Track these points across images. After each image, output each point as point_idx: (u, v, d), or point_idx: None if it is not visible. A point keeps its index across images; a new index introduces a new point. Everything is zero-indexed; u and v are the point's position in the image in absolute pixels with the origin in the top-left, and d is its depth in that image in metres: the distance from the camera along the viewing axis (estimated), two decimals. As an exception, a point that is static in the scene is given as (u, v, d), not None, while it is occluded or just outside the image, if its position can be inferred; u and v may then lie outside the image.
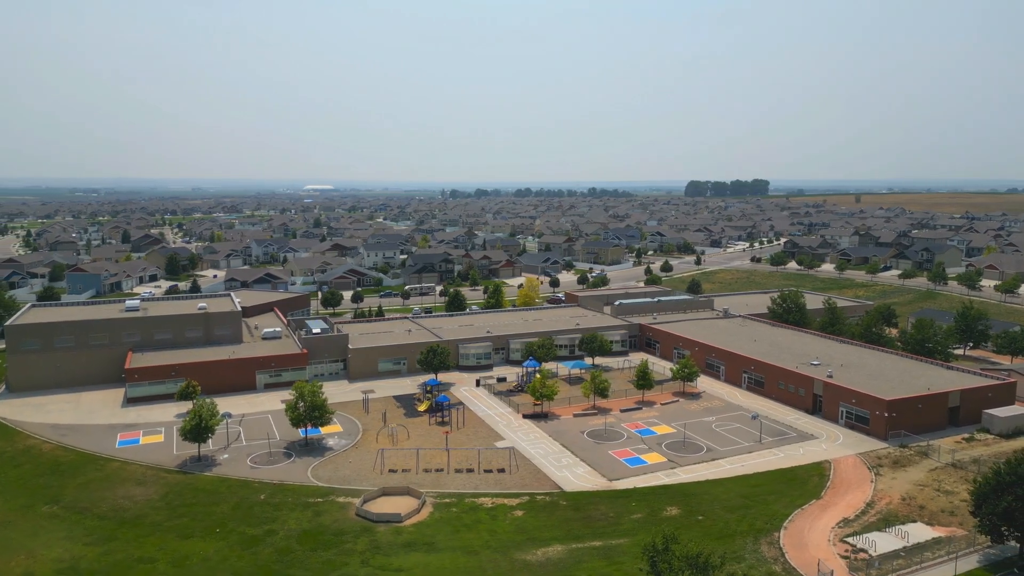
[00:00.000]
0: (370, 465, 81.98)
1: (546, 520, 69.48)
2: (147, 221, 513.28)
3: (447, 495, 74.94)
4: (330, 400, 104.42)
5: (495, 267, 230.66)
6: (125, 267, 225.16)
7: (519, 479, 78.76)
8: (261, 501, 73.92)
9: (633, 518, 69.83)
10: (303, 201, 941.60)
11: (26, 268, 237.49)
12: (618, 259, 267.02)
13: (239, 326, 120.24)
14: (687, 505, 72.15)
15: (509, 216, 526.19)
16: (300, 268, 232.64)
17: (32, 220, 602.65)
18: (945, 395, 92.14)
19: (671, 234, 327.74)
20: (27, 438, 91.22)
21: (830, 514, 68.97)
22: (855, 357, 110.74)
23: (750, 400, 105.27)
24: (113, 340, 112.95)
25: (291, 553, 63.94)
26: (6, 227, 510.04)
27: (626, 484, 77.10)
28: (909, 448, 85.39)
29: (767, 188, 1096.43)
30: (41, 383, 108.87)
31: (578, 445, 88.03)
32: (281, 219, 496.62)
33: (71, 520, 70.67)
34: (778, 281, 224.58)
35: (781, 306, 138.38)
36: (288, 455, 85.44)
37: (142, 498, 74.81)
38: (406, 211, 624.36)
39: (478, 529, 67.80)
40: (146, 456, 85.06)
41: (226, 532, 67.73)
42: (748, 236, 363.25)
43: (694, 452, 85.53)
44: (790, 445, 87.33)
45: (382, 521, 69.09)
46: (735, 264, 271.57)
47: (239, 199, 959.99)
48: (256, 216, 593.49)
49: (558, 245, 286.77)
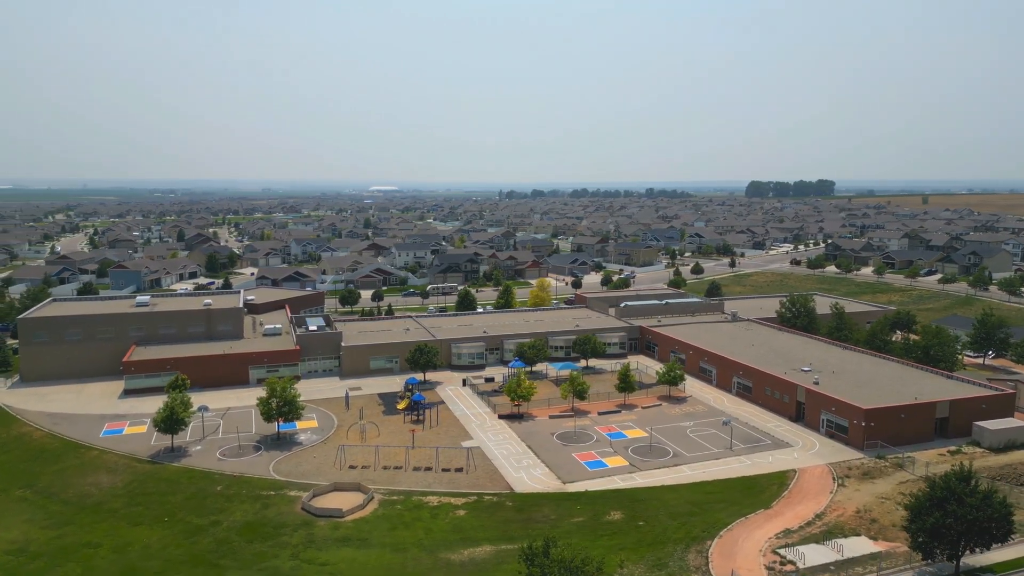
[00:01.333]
0: (333, 461, 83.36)
1: (486, 520, 69.42)
2: (207, 220, 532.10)
3: (397, 492, 75.61)
4: (318, 396, 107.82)
5: (521, 268, 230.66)
6: (166, 264, 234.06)
7: (473, 479, 78.87)
8: (216, 492, 76.03)
9: (573, 521, 69.16)
10: (363, 201, 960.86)
11: (77, 264, 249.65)
12: (651, 261, 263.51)
13: (240, 322, 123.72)
14: (632, 510, 71.01)
15: (556, 217, 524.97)
16: (332, 267, 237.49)
17: (105, 219, 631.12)
18: (932, 405, 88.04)
19: (711, 236, 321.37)
20: (23, 425, 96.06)
21: (773, 524, 66.88)
22: (852, 364, 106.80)
23: (736, 406, 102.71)
24: (119, 334, 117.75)
25: (228, 544, 65.63)
26: (78, 225, 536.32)
27: (579, 487, 76.35)
28: (886, 459, 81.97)
29: (832, 189, 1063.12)
30: (51, 374, 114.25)
31: (544, 447, 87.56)
32: (333, 219, 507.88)
33: (37, 504, 74.15)
34: (812, 285, 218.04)
35: (791, 310, 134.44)
36: (257, 448, 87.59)
37: (107, 485, 77.91)
38: (456, 212, 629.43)
39: (415, 527, 68.23)
40: (124, 446, 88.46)
41: (174, 521, 69.94)
42: (794, 238, 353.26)
43: (660, 457, 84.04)
44: (761, 453, 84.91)
45: (323, 516, 70.23)
46: (773, 267, 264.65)
47: (302, 200, 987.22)
48: (312, 216, 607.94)
49: (591, 246, 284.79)
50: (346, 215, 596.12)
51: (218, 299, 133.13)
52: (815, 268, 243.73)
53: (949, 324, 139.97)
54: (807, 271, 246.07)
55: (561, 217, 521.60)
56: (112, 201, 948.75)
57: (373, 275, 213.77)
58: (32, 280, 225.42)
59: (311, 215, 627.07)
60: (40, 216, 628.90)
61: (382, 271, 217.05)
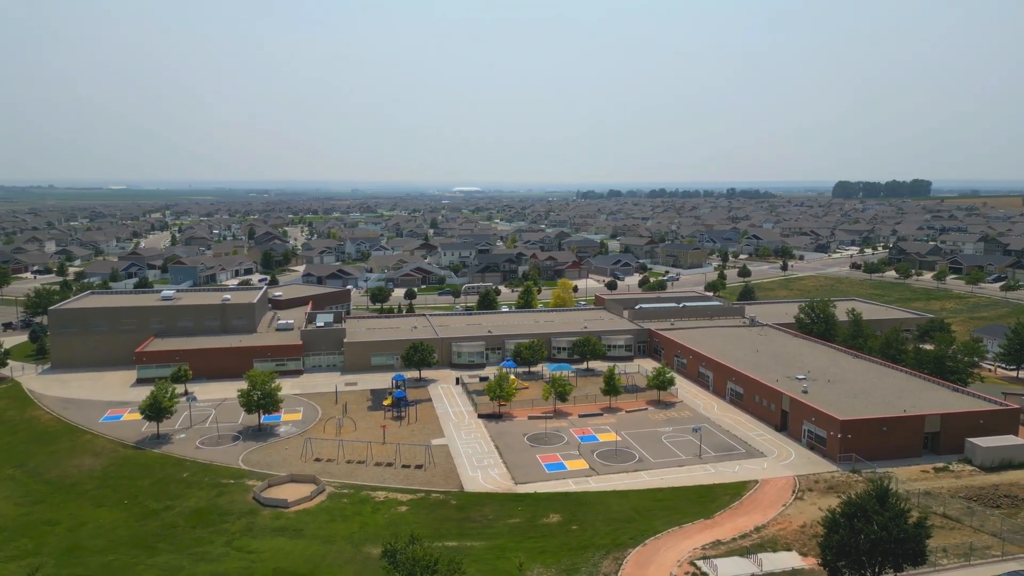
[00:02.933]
0: (300, 453, 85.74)
1: (424, 518, 70.05)
2: (283, 219, 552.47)
3: (350, 486, 77.16)
4: (314, 390, 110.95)
5: (560, 268, 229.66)
6: (223, 261, 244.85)
7: (429, 476, 79.62)
8: (182, 479, 79.52)
9: (509, 522, 69.00)
10: (441, 201, 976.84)
11: (146, 260, 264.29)
12: (699, 263, 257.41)
13: (253, 317, 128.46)
14: (571, 513, 70.20)
15: (623, 217, 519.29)
16: (378, 265, 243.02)
17: (194, 217, 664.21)
18: (920, 418, 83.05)
19: (771, 238, 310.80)
20: (36, 408, 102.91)
21: (706, 535, 64.80)
22: (855, 373, 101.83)
23: (725, 412, 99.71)
24: (140, 326, 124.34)
25: (173, 528, 68.68)
26: (168, 224, 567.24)
27: (529, 488, 75.99)
28: (860, 474, 77.95)
29: (928, 189, 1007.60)
30: (78, 361, 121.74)
31: (511, 447, 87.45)
32: (402, 219, 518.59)
33: (22, 483, 79.50)
34: (865, 290, 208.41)
35: (809, 316, 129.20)
36: (236, 439, 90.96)
37: (87, 468, 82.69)
38: (525, 212, 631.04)
39: (352, 521, 69.52)
40: (117, 431, 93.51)
41: (134, 504, 73.68)
42: (863, 241, 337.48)
43: (624, 461, 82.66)
44: (730, 462, 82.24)
45: (270, 506, 72.49)
46: (830, 271, 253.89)
47: (383, 200, 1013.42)
48: (385, 216, 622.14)
49: (639, 247, 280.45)
50: (418, 215, 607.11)
51: (236, 295, 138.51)
52: (871, 272, 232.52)
53: (988, 334, 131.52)
54: (863, 276, 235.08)
55: (627, 218, 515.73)
56: (207, 201, 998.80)
57: (413, 274, 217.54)
58: (102, 274, 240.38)
59: (384, 215, 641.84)
60: (138, 215, 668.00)
61: (422, 270, 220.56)
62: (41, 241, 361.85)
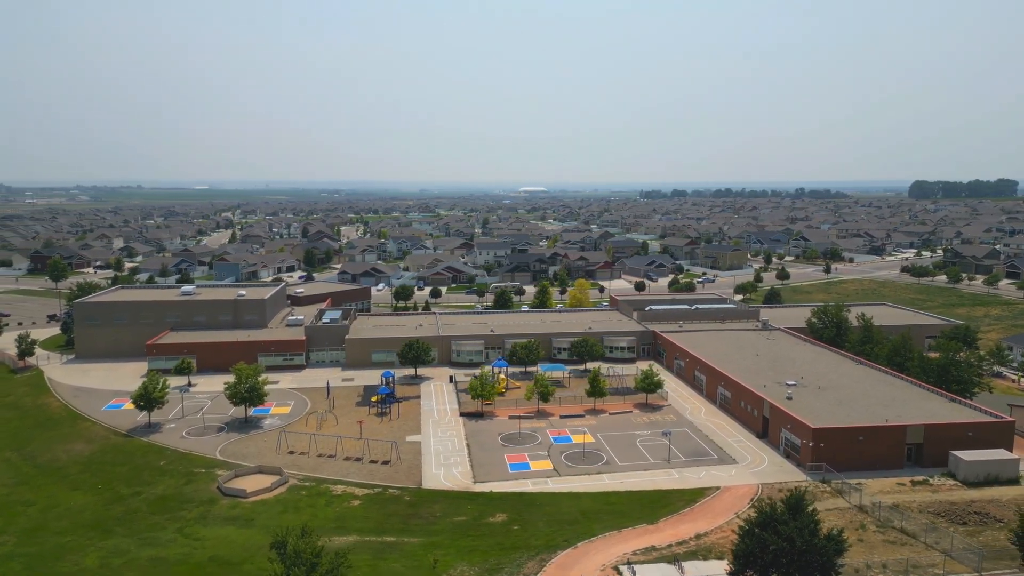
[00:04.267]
0: (275, 446, 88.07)
1: (373, 512, 71.10)
2: (341, 219, 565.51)
3: (313, 479, 78.90)
4: (310, 385, 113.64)
5: (591, 268, 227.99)
6: (265, 258, 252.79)
7: (392, 472, 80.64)
8: (159, 467, 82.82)
9: (454, 520, 69.40)
10: (502, 202, 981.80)
11: (197, 257, 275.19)
12: (739, 264, 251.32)
13: (263, 313, 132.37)
14: (518, 514, 70.09)
15: (677, 218, 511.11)
16: (414, 264, 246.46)
17: (260, 216, 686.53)
18: (901, 429, 79.40)
19: (820, 239, 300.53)
20: (49, 396, 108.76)
21: (643, 540, 63.70)
22: (851, 380, 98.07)
23: (711, 417, 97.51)
24: (158, 319, 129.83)
25: (134, 513, 71.70)
26: (231, 222, 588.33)
27: (486, 488, 76.16)
28: (828, 484, 75.15)
29: (1014, 189, 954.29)
30: (101, 352, 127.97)
31: (482, 446, 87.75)
32: (455, 218, 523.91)
33: (14, 465, 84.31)
34: (907, 294, 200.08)
35: (822, 320, 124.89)
36: (221, 430, 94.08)
37: (77, 453, 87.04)
38: (578, 212, 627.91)
39: (303, 513, 71.06)
40: (114, 419, 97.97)
41: (107, 489, 77.24)
42: (923, 243, 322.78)
43: (590, 463, 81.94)
44: (698, 467, 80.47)
45: (230, 495, 74.84)
46: (878, 274, 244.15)
47: (445, 199, 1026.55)
48: (442, 215, 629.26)
49: (679, 248, 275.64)
50: (474, 214, 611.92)
51: (251, 291, 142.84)
52: (921, 276, 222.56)
53: (1018, 343, 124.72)
54: (911, 279, 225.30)
55: (682, 218, 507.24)
56: (280, 200, 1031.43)
57: (443, 273, 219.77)
58: (154, 270, 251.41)
59: (441, 214, 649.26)
60: (210, 213, 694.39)
61: (452, 269, 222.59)
62: (110, 238, 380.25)
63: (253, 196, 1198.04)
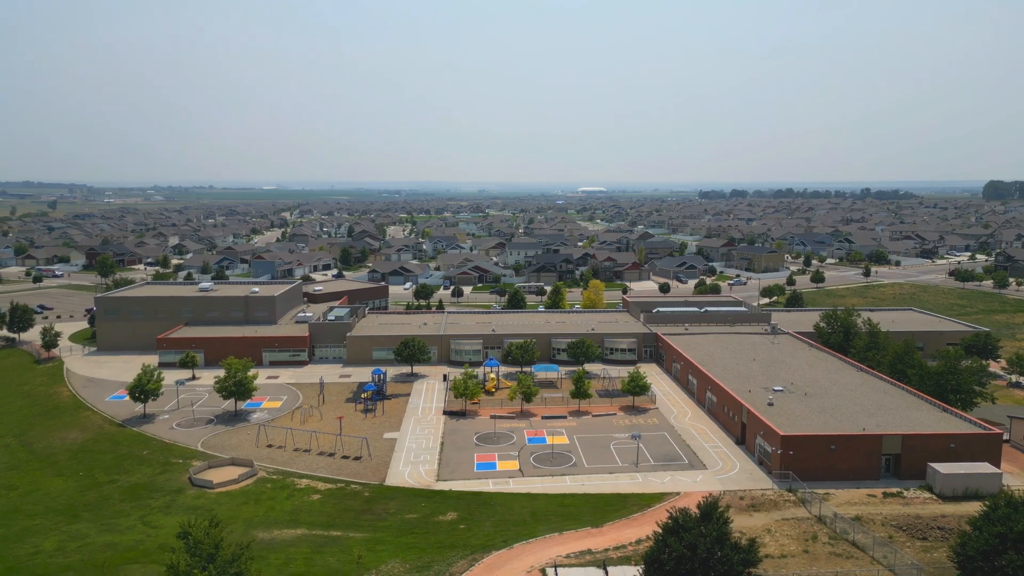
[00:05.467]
0: (255, 439, 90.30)
1: (329, 508, 72.30)
2: (391, 218, 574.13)
3: (282, 472, 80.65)
4: (307, 380, 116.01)
5: (619, 269, 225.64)
6: (301, 257, 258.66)
7: (359, 468, 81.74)
8: (141, 456, 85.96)
9: (405, 517, 70.05)
10: (555, 202, 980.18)
11: (239, 255, 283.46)
12: (775, 266, 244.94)
13: (273, 309, 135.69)
14: (468, 513, 70.29)
15: (727, 218, 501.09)
16: (445, 263, 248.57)
17: (316, 215, 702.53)
18: (877, 439, 76.39)
19: (866, 242, 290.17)
20: (62, 385, 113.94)
21: (581, 543, 63.08)
22: (842, 387, 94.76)
23: (695, 421, 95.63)
24: (174, 315, 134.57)
25: (105, 500, 74.73)
26: (286, 221, 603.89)
27: (446, 486, 76.56)
28: (794, 493, 72.97)
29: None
30: (120, 345, 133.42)
31: (456, 445, 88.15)
32: (502, 218, 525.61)
33: (11, 450, 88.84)
34: (948, 299, 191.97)
35: (831, 325, 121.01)
36: (209, 422, 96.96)
37: (71, 441, 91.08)
38: (627, 212, 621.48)
39: (262, 505, 72.88)
40: (114, 409, 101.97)
41: (87, 475, 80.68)
42: (980, 246, 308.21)
43: (556, 465, 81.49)
44: (665, 472, 79.16)
45: (198, 486, 77.19)
46: (923, 278, 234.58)
47: (500, 200, 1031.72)
48: (491, 215, 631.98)
49: (715, 249, 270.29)
50: (525, 214, 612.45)
51: (265, 288, 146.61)
52: (966, 280, 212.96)
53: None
54: (956, 284, 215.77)
55: (732, 219, 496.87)
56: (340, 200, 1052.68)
57: (470, 272, 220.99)
58: (197, 267, 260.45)
59: (491, 214, 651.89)
60: (268, 213, 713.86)
61: (479, 268, 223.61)
62: (165, 236, 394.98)
63: (317, 196, 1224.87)
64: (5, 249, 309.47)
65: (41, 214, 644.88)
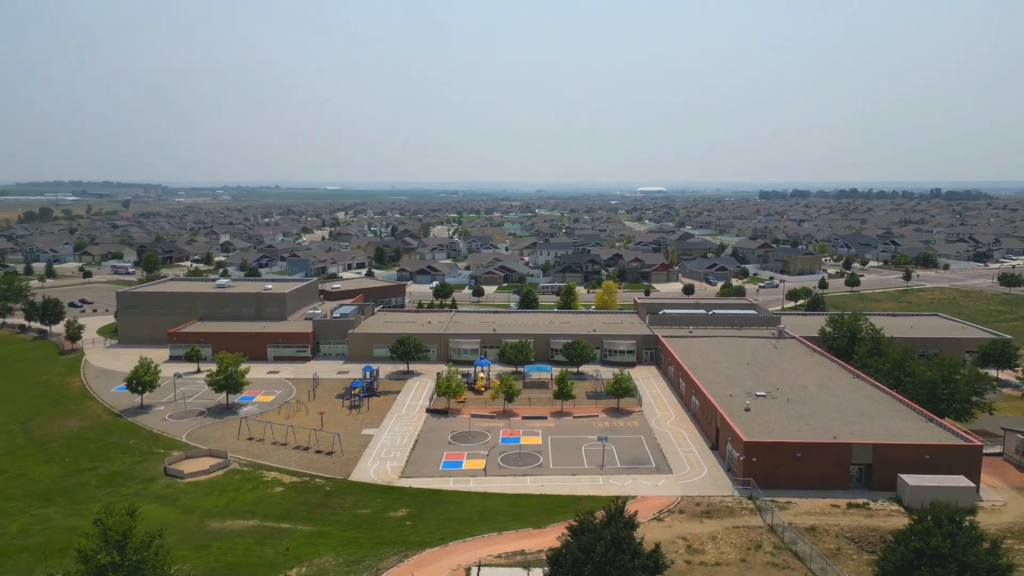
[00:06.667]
0: (236, 432, 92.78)
1: (288, 500, 73.88)
2: (439, 218, 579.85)
3: (254, 464, 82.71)
4: (308, 376, 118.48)
5: (647, 270, 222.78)
6: (335, 255, 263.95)
7: (328, 462, 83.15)
8: (128, 445, 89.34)
9: (357, 512, 71.08)
10: (610, 202, 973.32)
11: (279, 253, 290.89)
12: (811, 269, 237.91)
13: (283, 306, 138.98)
14: (420, 510, 70.84)
15: (779, 219, 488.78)
16: (474, 263, 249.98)
17: (369, 215, 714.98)
18: (847, 447, 73.80)
19: (913, 244, 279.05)
20: (77, 376, 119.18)
21: (517, 543, 62.89)
22: (829, 393, 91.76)
23: (678, 426, 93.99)
24: (189, 310, 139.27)
25: (81, 486, 78.04)
26: (337, 220, 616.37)
27: (407, 483, 77.32)
28: (752, 501, 71.19)
29: None
30: (139, 338, 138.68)
31: (430, 442, 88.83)
32: (547, 218, 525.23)
33: (12, 436, 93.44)
34: (989, 305, 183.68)
35: (837, 330, 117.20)
36: (201, 414, 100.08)
37: (68, 429, 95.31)
38: (676, 212, 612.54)
39: (225, 496, 74.90)
40: (116, 400, 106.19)
41: (73, 462, 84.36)
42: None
43: (522, 465, 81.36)
44: (629, 475, 78.17)
45: (170, 476, 79.84)
46: (969, 282, 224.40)
47: (552, 200, 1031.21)
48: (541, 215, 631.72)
49: (751, 250, 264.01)
50: (573, 214, 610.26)
51: (278, 285, 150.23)
52: (1012, 285, 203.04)
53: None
54: (1001, 289, 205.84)
55: (784, 220, 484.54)
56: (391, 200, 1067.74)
57: (495, 272, 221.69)
58: (235, 264, 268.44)
59: (539, 214, 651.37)
60: (324, 213, 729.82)
61: (505, 268, 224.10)
62: (217, 234, 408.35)
63: (376, 196, 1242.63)
64: (64, 246, 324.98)
65: (112, 213, 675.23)
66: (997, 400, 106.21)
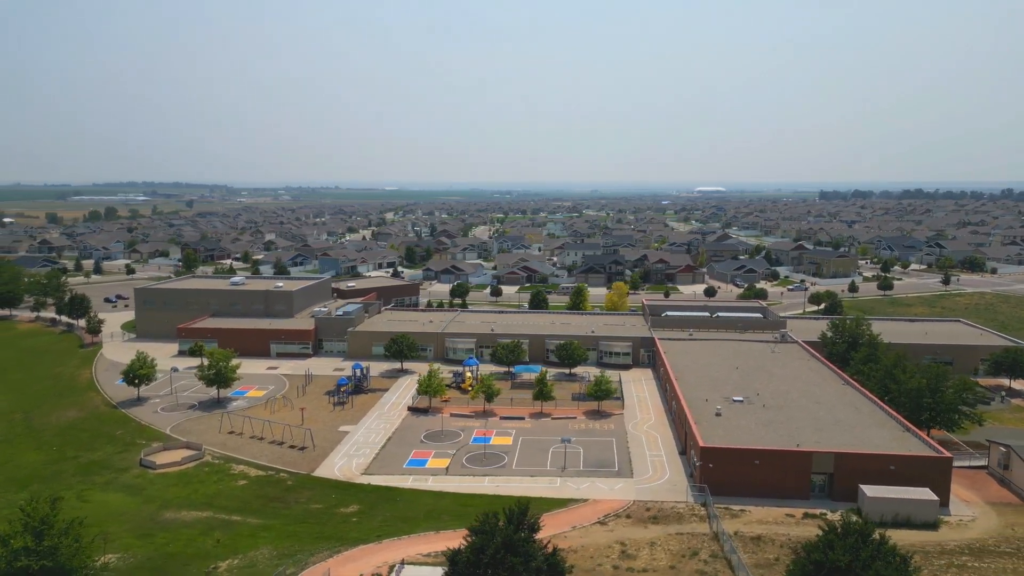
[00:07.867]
0: (218, 426, 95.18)
1: (247, 494, 75.57)
2: (482, 218, 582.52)
3: (225, 457, 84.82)
4: (301, 373, 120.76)
5: (672, 272, 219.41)
6: (366, 254, 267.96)
7: (297, 457, 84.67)
8: (115, 436, 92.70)
9: (308, 507, 72.34)
10: (661, 202, 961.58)
11: (315, 252, 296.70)
12: (845, 271, 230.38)
13: (291, 304, 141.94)
14: (371, 507, 71.66)
15: (829, 220, 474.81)
16: (501, 263, 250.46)
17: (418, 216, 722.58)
18: (807, 456, 71.54)
19: (960, 247, 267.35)
20: (88, 368, 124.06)
21: (450, 542, 60.78)
22: (812, 400, 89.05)
23: (654, 430, 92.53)
24: (203, 306, 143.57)
25: (61, 473, 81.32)
26: (384, 220, 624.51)
27: (366, 480, 78.26)
28: (702, 507, 69.67)
29: None
30: (156, 332, 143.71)
31: (402, 440, 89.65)
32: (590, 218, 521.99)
33: (13, 424, 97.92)
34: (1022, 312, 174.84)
35: (839, 335, 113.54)
36: (192, 407, 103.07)
37: (65, 418, 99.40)
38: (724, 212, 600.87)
39: (190, 487, 77.03)
40: (116, 392, 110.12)
41: (60, 450, 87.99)
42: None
43: (485, 465, 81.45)
44: (587, 478, 77.40)
45: (143, 466, 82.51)
46: (1015, 287, 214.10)
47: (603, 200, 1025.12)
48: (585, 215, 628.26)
49: (785, 252, 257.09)
50: (622, 214, 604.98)
51: (288, 283, 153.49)
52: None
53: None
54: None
55: (837, 220, 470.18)
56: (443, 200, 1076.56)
57: (518, 272, 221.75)
58: (271, 263, 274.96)
59: (585, 214, 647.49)
60: (374, 213, 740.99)
61: (528, 268, 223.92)
62: (263, 233, 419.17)
63: (431, 197, 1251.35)
64: (116, 244, 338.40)
65: (174, 213, 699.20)
66: (1005, 411, 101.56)
